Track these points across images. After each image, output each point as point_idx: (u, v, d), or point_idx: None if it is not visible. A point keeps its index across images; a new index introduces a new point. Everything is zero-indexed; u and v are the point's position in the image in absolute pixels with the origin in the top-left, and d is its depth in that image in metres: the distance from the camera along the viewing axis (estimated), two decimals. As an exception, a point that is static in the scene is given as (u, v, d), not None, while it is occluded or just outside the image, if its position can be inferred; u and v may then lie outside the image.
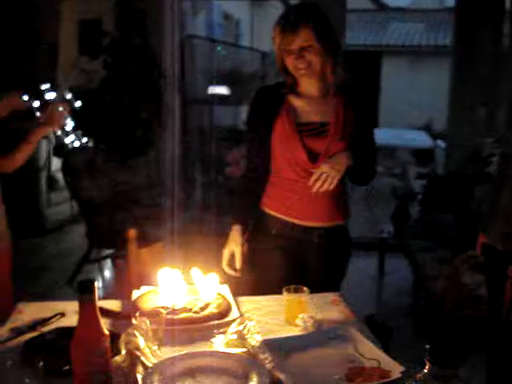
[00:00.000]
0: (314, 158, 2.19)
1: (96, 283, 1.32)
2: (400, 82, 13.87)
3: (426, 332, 4.04)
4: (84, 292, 1.30)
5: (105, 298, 3.10)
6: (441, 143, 8.24)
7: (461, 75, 5.82)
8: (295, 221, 2.27)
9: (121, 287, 3.34)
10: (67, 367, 1.38)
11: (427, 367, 0.90)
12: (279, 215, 2.29)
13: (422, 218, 5.01)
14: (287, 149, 2.21)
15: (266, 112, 2.24)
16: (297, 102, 2.25)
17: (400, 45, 14.26)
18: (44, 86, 7.01)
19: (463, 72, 5.79)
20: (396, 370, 1.41)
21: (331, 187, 2.12)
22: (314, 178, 2.11)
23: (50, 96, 6.47)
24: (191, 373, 1.44)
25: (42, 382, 1.27)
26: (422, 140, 9.68)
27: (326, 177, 2.10)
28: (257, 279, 2.29)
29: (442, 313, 2.43)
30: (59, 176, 5.96)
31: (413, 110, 12.89)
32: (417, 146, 9.50)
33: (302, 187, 2.20)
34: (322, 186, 2.11)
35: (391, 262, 5.34)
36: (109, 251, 5.00)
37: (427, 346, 0.89)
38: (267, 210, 2.32)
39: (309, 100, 2.25)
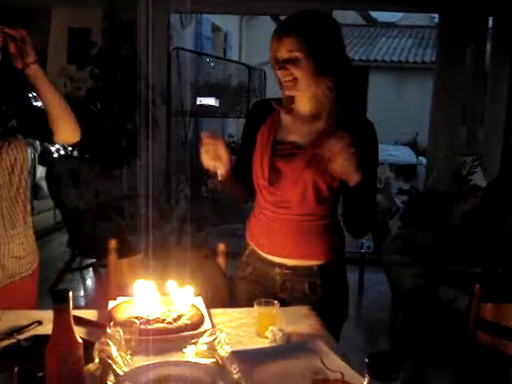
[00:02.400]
0: (275, 180, 2.03)
1: (71, 293, 1.36)
2: (387, 98, 14.00)
3: (403, 347, 4.11)
4: (58, 301, 1.34)
5: (85, 306, 3.13)
6: (423, 159, 8.35)
7: (442, 93, 5.92)
8: (258, 249, 2.16)
9: (100, 297, 3.37)
10: (41, 374, 1.43)
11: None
12: (248, 240, 2.21)
13: (402, 234, 5.09)
14: (255, 165, 2.07)
15: (254, 124, 2.11)
16: (285, 119, 2.07)
17: (388, 60, 14.40)
18: (31, 94, 7.03)
19: (444, 90, 5.90)
20: (359, 381, 1.48)
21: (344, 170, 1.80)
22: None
23: (38, 103, 6.48)
24: (161, 381, 1.48)
25: (16, 388, 1.32)
26: (406, 156, 9.81)
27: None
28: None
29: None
30: (43, 184, 6.00)
31: (399, 126, 13.02)
32: (400, 162, 9.63)
33: (266, 214, 2.08)
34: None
35: (371, 277, 5.42)
36: (91, 260, 5.04)
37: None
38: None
39: (297, 118, 2.05)
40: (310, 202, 2.01)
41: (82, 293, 4.91)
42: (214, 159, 1.94)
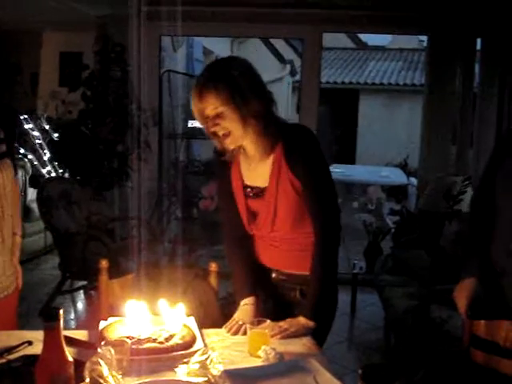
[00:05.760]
0: (254, 218, 2.16)
1: (61, 311, 1.35)
2: (377, 120, 14.10)
3: (396, 366, 4.08)
4: (49, 319, 1.33)
5: (76, 329, 3.10)
6: (414, 180, 8.39)
7: (432, 114, 5.97)
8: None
9: (91, 318, 3.34)
10: (31, 394, 1.41)
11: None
12: None
13: (394, 254, 5.08)
14: (240, 211, 2.18)
15: (225, 179, 2.21)
16: (243, 164, 2.16)
17: (378, 83, 14.51)
18: (22, 116, 7.04)
19: (434, 111, 5.94)
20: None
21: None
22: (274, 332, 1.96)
23: (28, 126, 6.49)
24: (153, 401, 1.47)
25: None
26: (397, 177, 9.85)
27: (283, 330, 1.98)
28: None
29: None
30: (34, 206, 5.97)
31: (390, 148, 13.10)
32: (391, 183, 9.66)
33: (263, 238, 2.20)
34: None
35: (364, 297, 5.39)
36: (82, 282, 5.00)
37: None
38: None
39: (251, 162, 2.13)
40: (297, 224, 2.12)
41: (72, 315, 4.87)
42: None
